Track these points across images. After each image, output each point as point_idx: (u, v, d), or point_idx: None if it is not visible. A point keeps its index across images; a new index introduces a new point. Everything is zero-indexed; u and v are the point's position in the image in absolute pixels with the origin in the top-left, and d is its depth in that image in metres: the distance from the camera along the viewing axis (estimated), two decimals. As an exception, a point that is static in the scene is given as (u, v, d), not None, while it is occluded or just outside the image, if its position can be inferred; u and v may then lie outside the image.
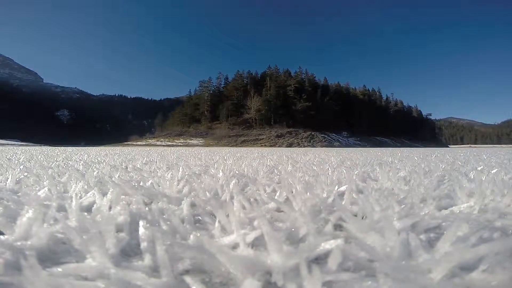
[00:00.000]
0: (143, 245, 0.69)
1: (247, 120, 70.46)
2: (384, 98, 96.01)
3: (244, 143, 55.94)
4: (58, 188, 1.44)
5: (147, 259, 0.64)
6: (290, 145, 52.13)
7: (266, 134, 61.83)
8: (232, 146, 49.06)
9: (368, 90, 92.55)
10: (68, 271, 0.59)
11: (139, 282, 0.52)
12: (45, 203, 1.17)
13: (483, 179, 1.63)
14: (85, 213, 0.97)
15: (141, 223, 0.73)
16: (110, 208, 1.00)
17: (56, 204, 1.12)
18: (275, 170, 2.43)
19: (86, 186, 1.47)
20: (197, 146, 49.17)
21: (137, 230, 0.72)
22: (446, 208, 0.95)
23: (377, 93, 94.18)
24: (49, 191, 1.35)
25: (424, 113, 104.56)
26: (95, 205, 1.06)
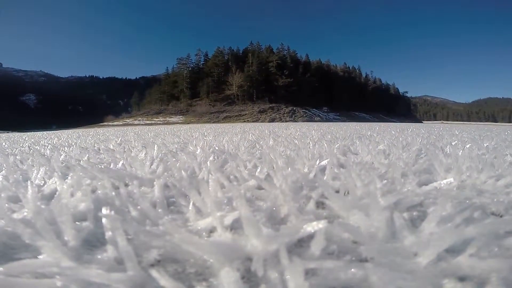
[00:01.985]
0: (108, 234, 0.61)
1: (229, 96, 69.14)
2: (364, 75, 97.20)
3: (226, 119, 55.30)
4: (15, 176, 1.30)
5: (111, 251, 0.57)
6: (272, 120, 52.27)
7: (249, 110, 61.30)
8: (214, 122, 48.39)
9: (349, 67, 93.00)
10: (19, 269, 0.52)
11: (96, 279, 0.46)
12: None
13: (460, 154, 1.67)
14: (45, 202, 0.87)
15: (103, 210, 0.65)
16: (72, 194, 0.90)
17: (9, 194, 1.01)
18: (256, 145, 2.37)
19: (49, 172, 1.34)
20: (177, 123, 48.00)
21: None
22: (426, 184, 0.94)
23: (357, 71, 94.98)
24: (5, 180, 1.21)
25: (401, 90, 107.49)
26: (56, 193, 0.95)
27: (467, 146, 2.21)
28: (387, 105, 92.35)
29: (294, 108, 62.37)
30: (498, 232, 0.56)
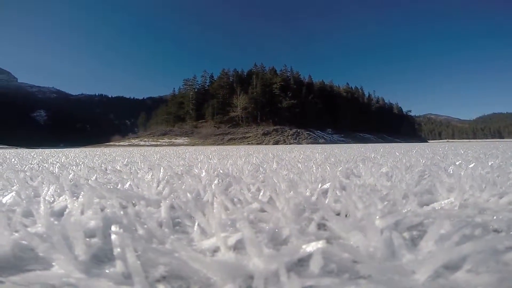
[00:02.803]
0: (116, 251, 0.64)
1: (234, 118, 70.14)
2: (367, 95, 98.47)
3: (230, 141, 55.69)
4: (27, 192, 1.35)
5: (119, 266, 0.60)
6: (276, 143, 52.44)
7: (253, 132, 61.86)
8: (219, 144, 48.69)
9: (351, 87, 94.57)
10: (33, 279, 0.55)
11: (106, 292, 0.48)
12: (12, 208, 1.10)
13: (462, 174, 1.68)
14: (55, 218, 0.91)
15: (113, 227, 0.68)
16: (82, 212, 0.94)
17: (22, 209, 1.05)
18: (260, 168, 2.41)
19: (59, 190, 1.39)
20: (182, 145, 48.43)
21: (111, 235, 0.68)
22: (427, 204, 0.96)
23: (360, 91, 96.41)
24: (17, 196, 1.26)
25: (404, 109, 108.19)
26: (66, 210, 0.99)
27: (471, 165, 2.21)
28: (391, 125, 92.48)
29: (298, 130, 62.79)
30: (497, 248, 0.57)
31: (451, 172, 1.85)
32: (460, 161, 2.81)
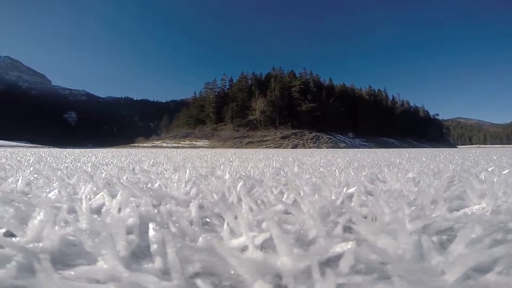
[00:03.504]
0: (153, 247, 0.69)
1: (252, 122, 70.47)
2: (390, 98, 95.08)
3: (249, 145, 55.95)
4: (67, 190, 1.46)
5: (158, 262, 0.64)
6: (295, 147, 51.94)
7: (271, 136, 61.75)
8: (237, 147, 49.10)
9: (374, 90, 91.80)
10: (80, 274, 0.59)
11: (151, 285, 0.53)
12: (55, 205, 1.19)
13: (495, 180, 1.60)
14: (95, 215, 0.98)
15: (150, 225, 0.73)
16: (119, 210, 1.00)
17: (66, 206, 1.14)
18: (281, 171, 2.42)
19: (95, 188, 1.49)
20: (202, 147, 49.37)
21: (147, 232, 0.73)
22: (457, 210, 0.93)
23: (383, 94, 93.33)
24: (59, 193, 1.36)
25: (431, 113, 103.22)
26: (104, 207, 1.06)
27: (505, 171, 2.09)
28: (417, 129, 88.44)
29: (318, 134, 61.82)
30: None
31: (483, 178, 1.76)
32: (492, 167, 2.66)
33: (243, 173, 2.16)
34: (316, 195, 1.16)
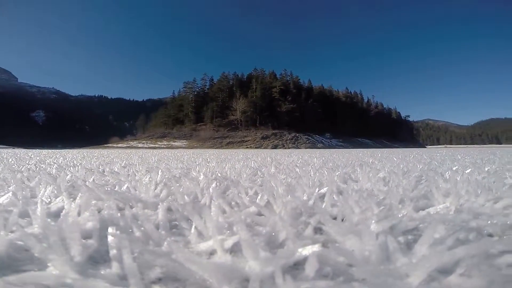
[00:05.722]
0: (112, 252, 0.65)
1: (233, 122, 70.20)
2: (366, 100, 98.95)
3: (229, 145, 55.66)
4: (24, 193, 1.34)
5: (115, 267, 0.60)
6: (275, 147, 52.44)
7: (252, 136, 61.88)
8: (217, 148, 48.65)
9: (350, 92, 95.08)
10: (28, 280, 0.55)
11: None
12: (8, 209, 1.10)
13: (458, 179, 1.69)
14: (51, 219, 0.91)
15: (109, 229, 0.69)
16: (79, 213, 0.94)
17: (19, 210, 1.04)
18: (258, 172, 2.41)
19: (56, 191, 1.39)
20: (180, 148, 48.36)
21: (107, 237, 0.68)
22: (423, 209, 0.97)
23: (359, 96, 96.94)
24: (14, 196, 1.25)
25: (403, 114, 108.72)
26: (63, 211, 0.99)
27: (468, 171, 2.23)
28: (390, 130, 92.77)
29: (297, 135, 62.86)
30: (491, 252, 0.58)
31: (448, 177, 1.86)
32: (457, 167, 2.83)
33: (219, 174, 2.12)
34: (289, 196, 1.16)
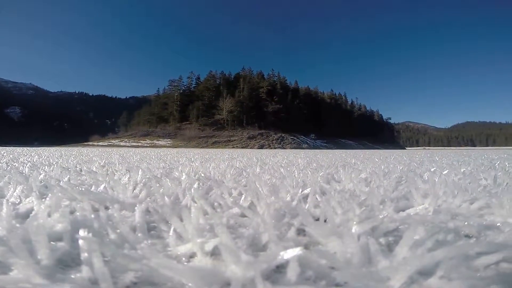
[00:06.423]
0: (84, 256, 0.61)
1: (219, 121, 69.69)
2: (350, 102, 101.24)
3: (215, 145, 55.20)
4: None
5: (85, 271, 0.57)
6: (261, 147, 52.55)
7: (238, 136, 61.70)
8: (203, 147, 48.09)
9: (335, 94, 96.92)
10: None
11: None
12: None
13: (436, 180, 1.75)
14: (19, 221, 0.85)
15: (80, 231, 0.65)
16: (49, 214, 0.88)
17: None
18: (243, 172, 2.39)
19: (26, 191, 1.31)
20: (164, 147, 47.42)
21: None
22: (403, 210, 0.98)
23: (343, 98, 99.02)
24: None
25: (384, 117, 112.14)
26: (33, 212, 0.93)
27: (445, 172, 2.32)
28: (372, 131, 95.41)
29: (283, 135, 63.29)
30: (468, 253, 0.59)
31: (426, 178, 1.92)
32: (435, 168, 2.93)
33: (203, 174, 2.08)
34: (273, 197, 1.14)
